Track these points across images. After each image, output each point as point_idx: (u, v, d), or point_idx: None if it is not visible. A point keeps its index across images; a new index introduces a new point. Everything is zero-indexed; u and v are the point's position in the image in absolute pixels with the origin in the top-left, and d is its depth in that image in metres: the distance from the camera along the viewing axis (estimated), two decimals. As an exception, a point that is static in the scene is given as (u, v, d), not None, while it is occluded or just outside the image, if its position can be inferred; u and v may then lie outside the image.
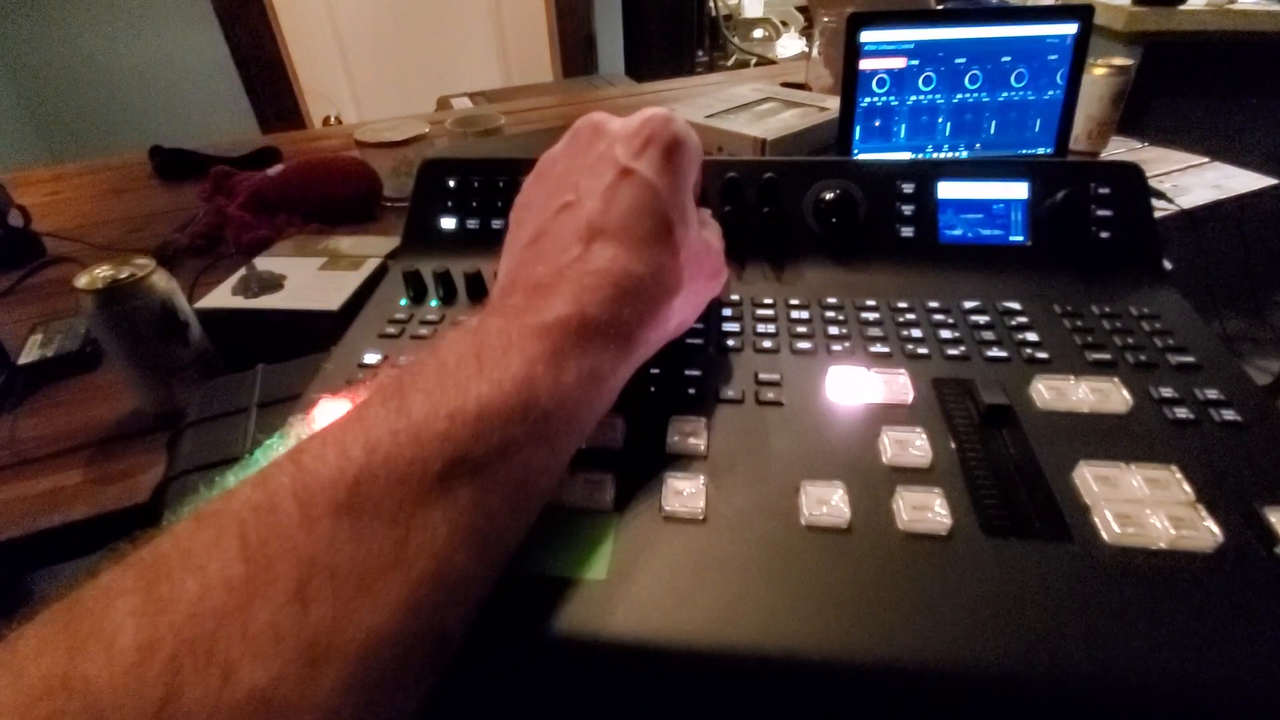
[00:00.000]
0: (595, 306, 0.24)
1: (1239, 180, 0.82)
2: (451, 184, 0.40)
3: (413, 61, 2.07)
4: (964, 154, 0.76)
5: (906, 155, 0.76)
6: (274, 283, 0.56)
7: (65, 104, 1.65)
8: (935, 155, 0.76)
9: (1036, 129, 0.75)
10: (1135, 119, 1.58)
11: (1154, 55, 1.54)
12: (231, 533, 0.17)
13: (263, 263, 0.59)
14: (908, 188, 0.36)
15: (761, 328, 0.33)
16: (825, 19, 1.02)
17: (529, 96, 1.39)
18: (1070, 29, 0.72)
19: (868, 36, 0.72)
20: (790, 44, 2.35)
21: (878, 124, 0.75)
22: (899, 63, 0.73)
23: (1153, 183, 0.81)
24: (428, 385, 0.21)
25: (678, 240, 0.27)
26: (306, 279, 0.57)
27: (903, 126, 0.75)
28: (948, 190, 0.36)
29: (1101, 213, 0.35)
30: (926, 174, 0.37)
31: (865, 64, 0.73)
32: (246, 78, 1.74)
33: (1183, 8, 1.47)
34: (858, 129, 0.75)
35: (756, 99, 0.91)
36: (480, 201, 0.39)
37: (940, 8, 1.07)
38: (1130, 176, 0.35)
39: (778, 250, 0.37)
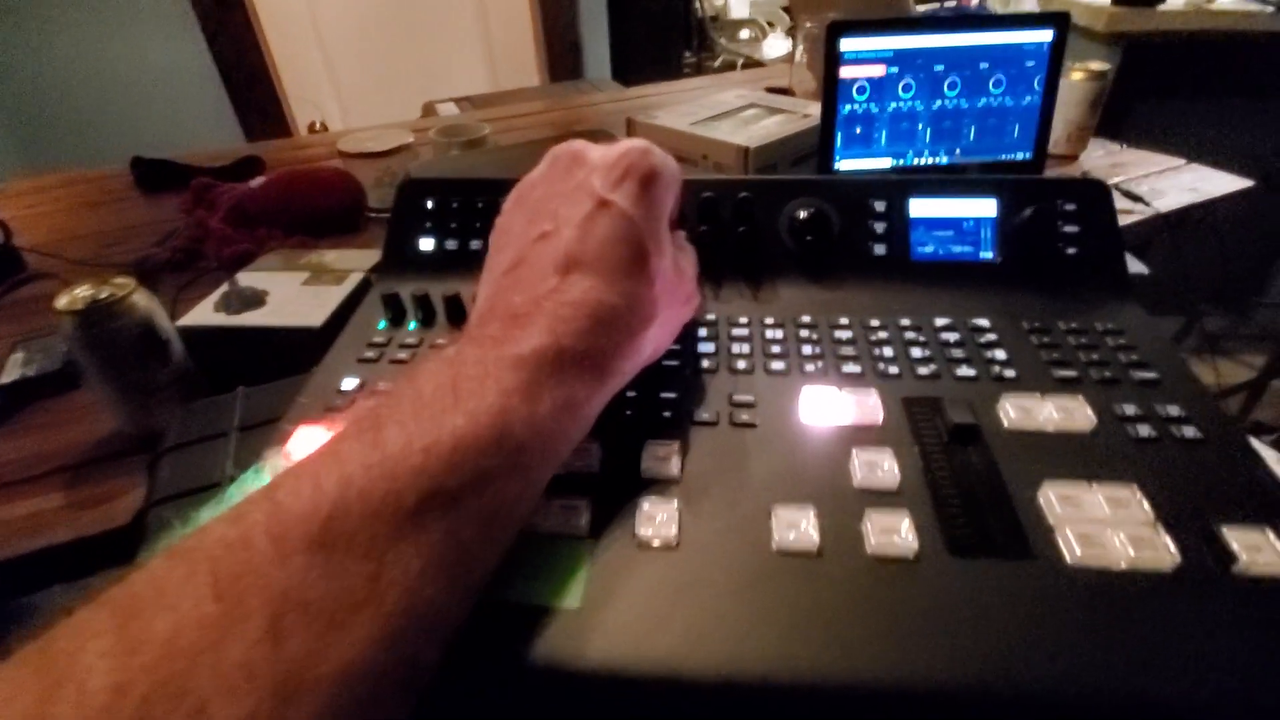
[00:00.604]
0: (571, 337, 0.24)
1: (1215, 183, 0.83)
2: (430, 204, 0.40)
3: (398, 66, 2.06)
4: (944, 159, 0.77)
5: (887, 161, 0.77)
6: (256, 299, 0.56)
7: (45, 114, 1.63)
8: (916, 161, 0.77)
9: (1015, 134, 0.76)
10: (1115, 120, 1.60)
11: (1134, 55, 1.56)
12: (204, 570, 0.18)
13: (245, 278, 0.59)
14: (880, 205, 0.37)
15: (737, 348, 0.33)
16: (808, 24, 1.02)
17: (515, 102, 1.38)
18: (1046, 35, 0.73)
19: (847, 44, 0.72)
20: (777, 44, 2.35)
21: (859, 131, 0.75)
22: (879, 70, 0.74)
23: (1130, 186, 0.82)
24: (403, 417, 0.21)
25: (653, 270, 0.27)
26: (289, 294, 0.57)
27: (883, 133, 0.76)
28: (919, 208, 0.37)
29: (1068, 229, 0.35)
30: (898, 191, 0.37)
31: (845, 71, 0.73)
32: (230, 84, 1.73)
33: (1161, 8, 1.49)
34: (839, 136, 0.75)
35: (740, 105, 0.91)
36: (459, 222, 0.40)
37: (919, 15, 1.07)
38: (1096, 194, 0.36)
39: (754, 268, 0.37)
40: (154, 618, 0.16)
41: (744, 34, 2.38)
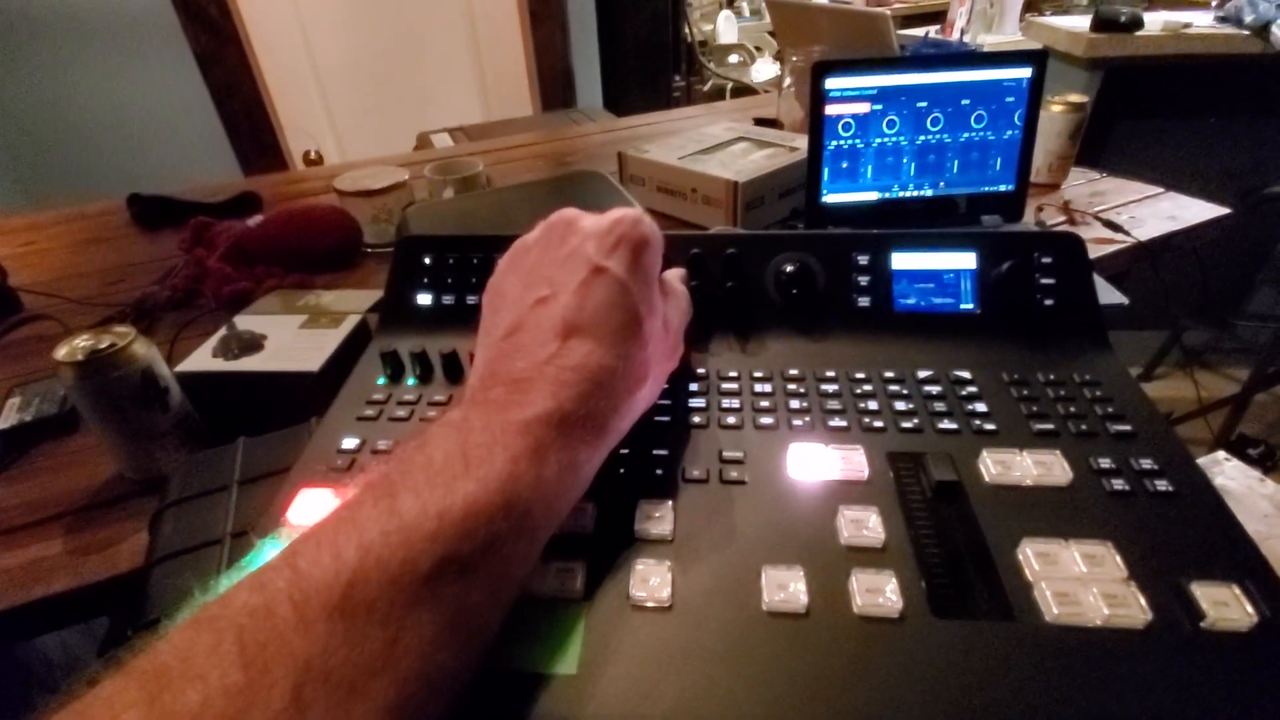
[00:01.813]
0: (573, 401, 0.26)
1: (1193, 211, 0.85)
2: (427, 260, 0.41)
3: (392, 96, 2.09)
4: (929, 193, 0.79)
5: (874, 194, 0.78)
6: (255, 343, 0.57)
7: (41, 149, 1.64)
8: (901, 194, 0.79)
9: (998, 167, 0.78)
10: (1096, 143, 1.64)
11: (1114, 79, 1.60)
12: (230, 639, 0.18)
13: (243, 321, 0.60)
14: (863, 259, 0.38)
15: (727, 402, 0.34)
16: (794, 58, 1.05)
17: (508, 133, 1.40)
18: (1025, 73, 0.75)
19: (832, 83, 0.74)
20: (765, 69, 2.39)
21: (845, 165, 0.77)
22: (863, 107, 0.76)
23: (1111, 215, 0.84)
24: (416, 484, 0.22)
25: (646, 333, 0.29)
26: (287, 338, 0.58)
27: (869, 167, 0.78)
28: (901, 261, 0.38)
29: (1045, 281, 0.37)
30: (881, 245, 0.38)
31: (830, 109, 0.75)
32: (225, 116, 1.74)
33: (1139, 34, 1.53)
34: (826, 171, 0.77)
35: (729, 138, 0.93)
36: (455, 278, 0.41)
37: (902, 54, 1.10)
38: (1071, 247, 0.37)
39: (742, 321, 0.39)
40: (184, 689, 0.17)
41: (733, 59, 2.42)
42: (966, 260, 0.38)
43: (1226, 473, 0.53)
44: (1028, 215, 0.82)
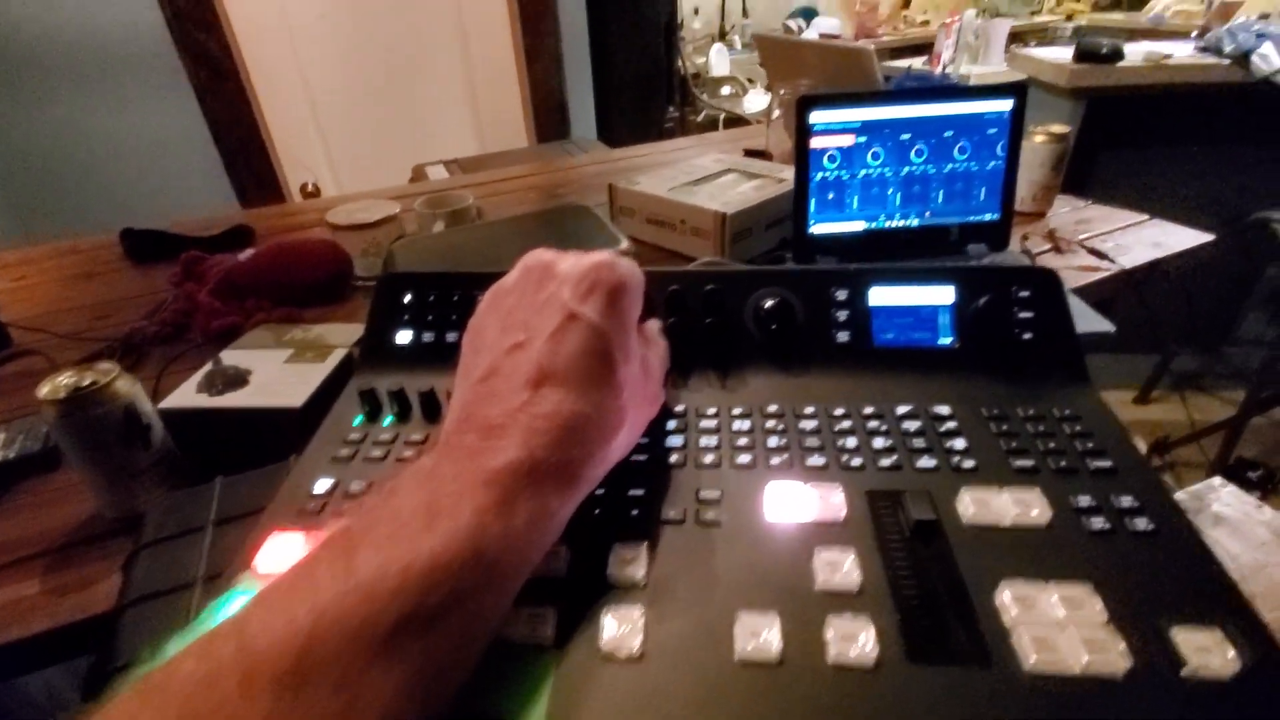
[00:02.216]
0: (544, 450, 0.25)
1: (1177, 237, 0.86)
2: (408, 299, 0.41)
3: (388, 129, 2.12)
4: (915, 222, 0.79)
5: (861, 224, 0.79)
6: (239, 378, 0.57)
7: (38, 181, 1.66)
8: (888, 224, 0.79)
9: (982, 197, 0.79)
10: (1082, 172, 1.67)
11: (1097, 109, 1.63)
12: (172, 712, 0.18)
13: (230, 356, 0.60)
14: (842, 294, 0.38)
15: (704, 440, 0.34)
16: (781, 91, 1.07)
17: (502, 165, 1.42)
18: (1007, 105, 0.76)
19: (817, 117, 0.76)
20: (757, 99, 2.44)
21: (831, 197, 0.78)
22: (848, 140, 0.77)
23: (1096, 243, 0.85)
24: (378, 539, 0.22)
25: (621, 380, 0.29)
26: (273, 372, 0.58)
27: (855, 198, 0.79)
28: (879, 296, 0.38)
29: (1023, 315, 0.37)
30: (859, 281, 0.39)
31: (816, 142, 0.76)
32: (224, 149, 1.77)
33: (1121, 64, 1.56)
34: (812, 202, 0.78)
35: (718, 170, 0.95)
36: (436, 315, 0.41)
37: (886, 88, 1.12)
38: (1048, 282, 0.37)
39: (722, 357, 0.38)
40: None
41: (725, 90, 2.46)
42: (944, 295, 0.38)
43: (1223, 499, 0.52)
44: (1014, 244, 0.82)
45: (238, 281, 0.77)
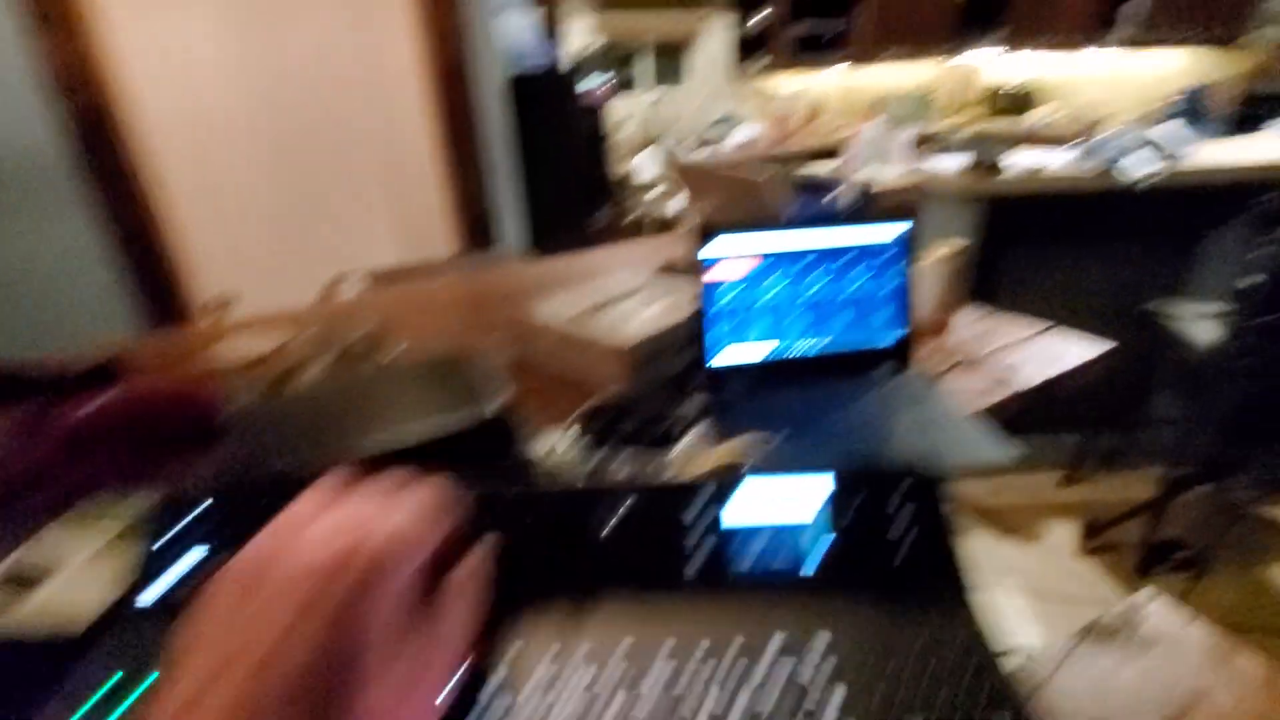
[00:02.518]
0: None
1: (1075, 351, 0.88)
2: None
3: (304, 238, 2.08)
4: (817, 347, 0.79)
5: (767, 347, 0.78)
6: (34, 579, 0.48)
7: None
8: (791, 351, 0.79)
9: (884, 317, 0.80)
10: (988, 272, 1.76)
11: (995, 213, 1.75)
12: None
13: (31, 550, 0.51)
14: (689, 517, 0.34)
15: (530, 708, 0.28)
16: (696, 207, 1.09)
17: (422, 277, 1.40)
18: (903, 228, 0.78)
19: (718, 244, 0.76)
20: (683, 202, 2.54)
21: (730, 327, 0.78)
22: (749, 265, 0.77)
23: (997, 357, 0.86)
24: None
25: (361, 711, 0.22)
26: (75, 571, 0.49)
27: (759, 323, 0.78)
28: (734, 516, 0.35)
29: (894, 534, 0.34)
30: (712, 500, 0.35)
31: (717, 270, 0.76)
32: (124, 268, 1.68)
33: (1000, 178, 1.69)
34: (712, 333, 0.77)
35: (629, 289, 0.94)
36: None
37: (784, 216, 1.16)
38: (922, 489, 0.34)
39: (564, 588, 0.34)
40: None
41: (653, 194, 2.56)
42: (808, 510, 0.34)
43: (1152, 616, 0.50)
44: (919, 362, 0.83)
45: (84, 434, 0.68)
